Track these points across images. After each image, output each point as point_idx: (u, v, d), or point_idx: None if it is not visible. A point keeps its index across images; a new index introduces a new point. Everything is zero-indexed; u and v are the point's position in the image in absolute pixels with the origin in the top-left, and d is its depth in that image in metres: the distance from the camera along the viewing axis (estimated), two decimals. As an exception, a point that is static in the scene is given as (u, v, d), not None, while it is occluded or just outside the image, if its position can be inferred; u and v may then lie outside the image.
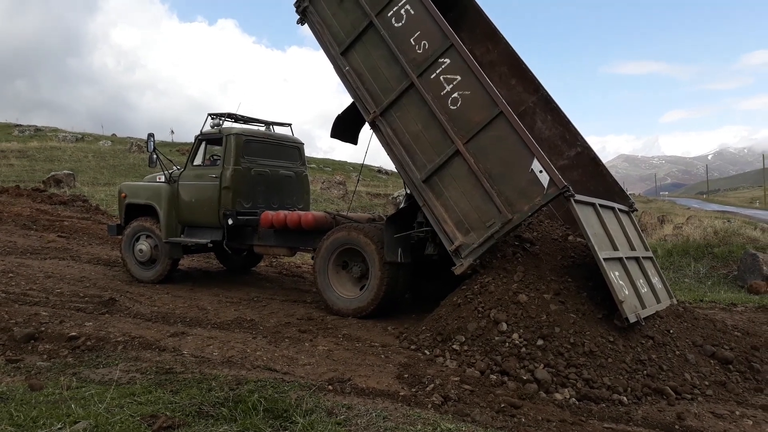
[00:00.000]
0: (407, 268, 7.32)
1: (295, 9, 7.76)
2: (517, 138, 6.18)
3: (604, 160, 8.50)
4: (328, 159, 45.52)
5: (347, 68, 7.26)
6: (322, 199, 23.52)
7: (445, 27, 6.63)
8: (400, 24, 6.93)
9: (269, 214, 8.58)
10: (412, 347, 6.04)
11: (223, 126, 9.23)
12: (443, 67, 6.64)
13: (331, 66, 7.48)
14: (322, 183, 26.18)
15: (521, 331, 5.64)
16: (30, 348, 5.65)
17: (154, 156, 9.41)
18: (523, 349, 5.48)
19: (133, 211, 9.92)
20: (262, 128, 9.90)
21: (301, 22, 7.83)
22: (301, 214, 8.28)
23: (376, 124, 7.03)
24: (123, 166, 26.93)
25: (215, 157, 9.56)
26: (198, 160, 9.45)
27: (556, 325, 5.64)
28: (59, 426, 3.90)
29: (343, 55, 7.31)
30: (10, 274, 9.24)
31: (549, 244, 6.93)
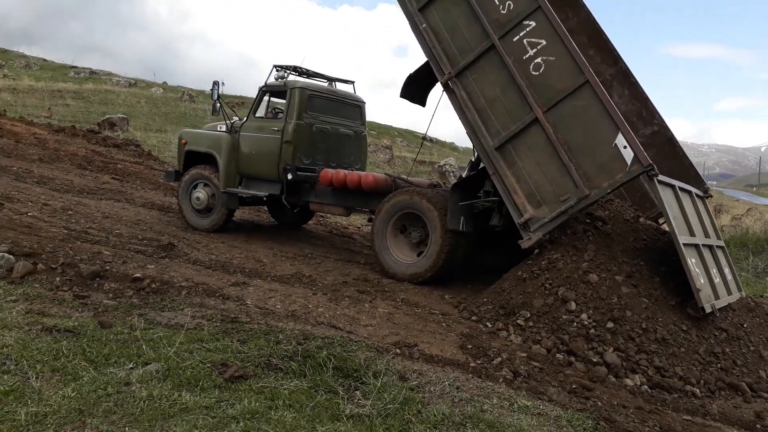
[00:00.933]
0: (468, 238, 7.14)
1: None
2: (602, 109, 5.88)
3: None
4: (373, 122, 45.15)
5: (424, 25, 6.99)
6: (368, 163, 23.37)
7: (531, -14, 6.30)
8: (485, -19, 6.60)
9: (329, 172, 8.46)
10: (473, 318, 5.90)
11: (288, 79, 9.08)
12: (528, 30, 6.33)
13: (406, 21, 7.22)
14: (369, 146, 25.98)
15: (590, 311, 5.45)
16: (96, 285, 5.69)
17: (218, 105, 9.34)
18: (592, 331, 5.29)
19: (192, 158, 9.92)
20: (325, 83, 9.72)
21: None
22: (361, 175, 8.14)
23: (450, 86, 6.79)
24: (174, 114, 27.16)
25: (277, 110, 9.46)
26: (260, 112, 9.35)
27: (628, 309, 5.43)
28: (131, 366, 3.90)
29: (420, 11, 7.03)
30: (69, 212, 9.38)
31: (620, 225, 6.65)
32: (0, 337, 4.13)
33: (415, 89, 8.19)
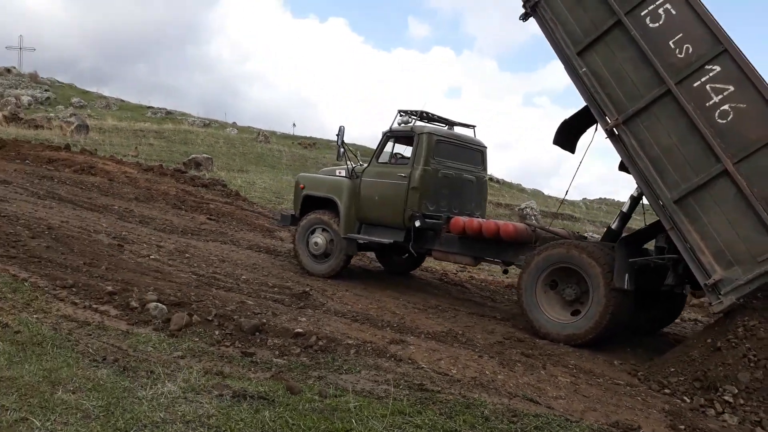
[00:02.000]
0: (631, 297, 6.58)
1: (523, 3, 7.19)
2: (809, 162, 5.32)
3: None
4: None
5: (584, 69, 6.61)
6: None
7: (716, 28, 5.86)
8: (657, 24, 6.21)
9: (460, 220, 8.07)
10: (665, 390, 5.30)
11: (415, 124, 8.82)
12: (711, 74, 5.87)
13: (562, 66, 6.86)
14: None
15: (813, 390, 4.79)
16: (258, 341, 5.38)
17: (341, 150, 9.15)
18: (819, 412, 4.63)
19: (309, 203, 9.73)
20: (447, 128, 9.44)
21: (524, 17, 7.26)
22: (500, 224, 7.71)
23: (618, 134, 6.34)
24: (252, 154, 27.60)
25: (398, 155, 9.21)
26: (383, 158, 9.12)
27: None
28: (348, 443, 3.51)
29: (579, 55, 6.67)
30: (186, 255, 9.27)
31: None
32: (197, 405, 3.81)
33: (567, 135, 7.79)
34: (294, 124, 42.05)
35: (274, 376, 4.53)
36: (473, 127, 9.64)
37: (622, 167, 8.13)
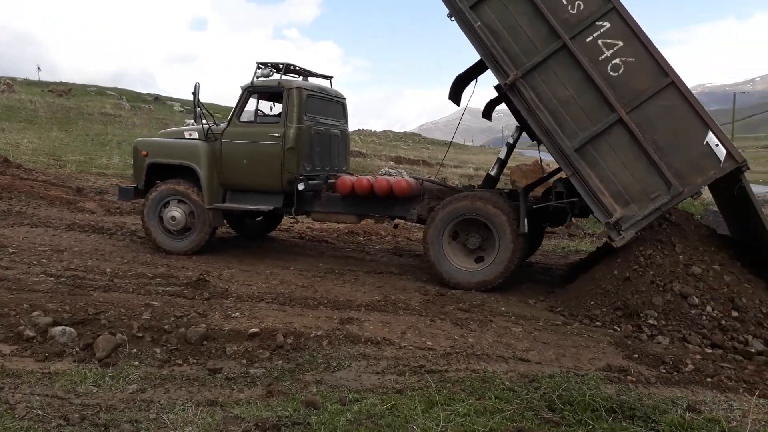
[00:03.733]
0: (525, 240, 7.07)
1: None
2: (689, 108, 6.11)
3: (448, 113, 8.79)
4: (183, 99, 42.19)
5: (478, 23, 6.65)
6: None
7: (602, -14, 6.29)
8: (547, -19, 6.45)
9: (347, 179, 7.82)
10: (597, 323, 5.88)
11: (282, 78, 8.14)
12: (602, 30, 6.32)
13: (456, 21, 6.81)
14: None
15: (712, 303, 5.71)
16: (213, 351, 4.68)
17: (198, 109, 8.12)
18: (723, 322, 5.56)
19: (156, 172, 8.57)
20: (316, 82, 8.91)
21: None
22: (392, 182, 7.63)
23: (517, 87, 6.57)
24: None
25: (260, 113, 8.49)
26: (246, 117, 8.32)
27: (741, 296, 5.78)
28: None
29: (473, 8, 6.67)
30: (9, 250, 7.65)
31: (678, 214, 7.03)
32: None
33: (456, 89, 7.84)
34: (39, 68, 36.17)
35: (270, 392, 4.02)
36: (330, 78, 9.23)
37: (485, 114, 8.56)
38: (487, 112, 8.70)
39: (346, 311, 5.83)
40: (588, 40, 6.35)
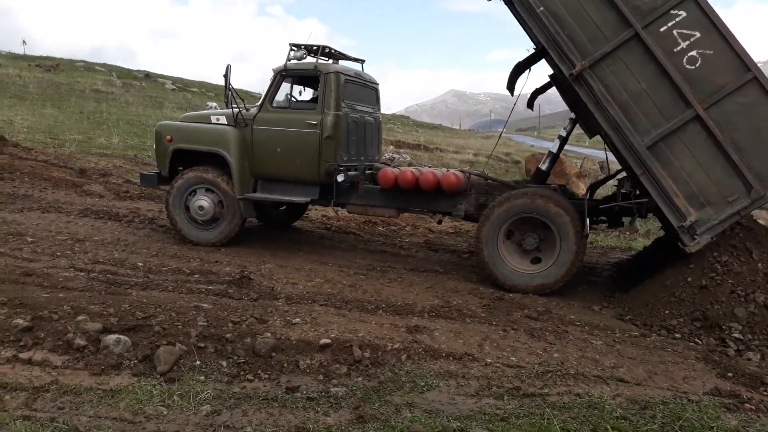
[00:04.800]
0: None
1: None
2: (772, 107, 5.74)
3: (434, 95, 8.35)
4: (177, 78, 40.92)
5: (541, 8, 6.20)
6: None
7: (681, -27, 5.87)
8: (619, -36, 6.01)
9: (390, 172, 7.37)
10: (676, 335, 5.53)
11: (318, 62, 7.63)
12: (677, 20, 5.90)
13: (515, 3, 6.36)
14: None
15: (798, 316, 5.39)
16: (285, 365, 4.25)
17: (230, 92, 7.59)
18: (812, 336, 5.24)
19: (181, 158, 8.05)
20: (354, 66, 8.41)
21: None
22: (439, 176, 7.19)
23: (584, 78, 6.15)
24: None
25: (292, 98, 7.96)
26: (279, 102, 7.81)
27: (828, 309, 5.47)
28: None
29: (536, -8, 6.22)
30: (27, 238, 7.15)
31: (747, 218, 6.68)
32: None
33: (513, 77, 7.40)
34: (24, 42, 35.07)
35: (362, 417, 3.60)
36: (363, 61, 8.72)
37: (529, 104, 8.12)
38: (531, 101, 8.28)
39: (408, 317, 5.42)
40: (662, 29, 5.93)
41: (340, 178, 7.44)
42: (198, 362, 4.16)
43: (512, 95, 7.69)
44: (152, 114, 21.60)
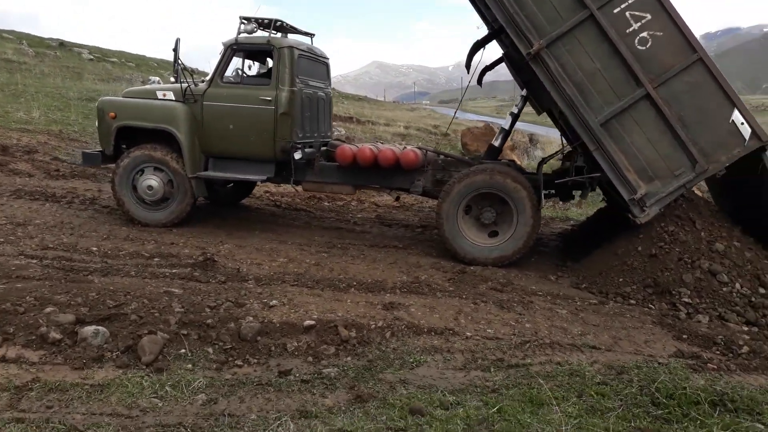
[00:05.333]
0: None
1: None
2: (716, 86, 6.11)
3: (358, 66, 8.74)
4: (106, 49, 38.76)
5: (501, -12, 6.30)
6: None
7: (632, -44, 6.09)
8: (573, -53, 6.17)
9: (347, 149, 7.36)
10: (631, 301, 5.87)
11: (271, 36, 7.45)
12: (629, 2, 6.13)
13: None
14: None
15: (740, 280, 5.85)
16: (273, 348, 4.23)
17: (178, 66, 7.29)
18: (754, 299, 5.71)
19: (125, 136, 7.71)
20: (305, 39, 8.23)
21: None
22: (397, 152, 7.24)
23: (541, 57, 6.32)
24: None
25: (241, 72, 7.76)
26: (229, 77, 7.58)
27: (765, 273, 5.95)
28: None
29: (495, -28, 6.31)
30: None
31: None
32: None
33: (471, 57, 7.46)
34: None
35: (360, 397, 3.66)
36: (312, 35, 8.58)
37: (479, 81, 8.27)
38: (480, 77, 8.42)
39: (381, 294, 5.50)
40: (615, 11, 6.16)
41: (297, 155, 7.36)
42: (183, 350, 4.08)
43: (468, 73, 7.79)
44: (72, 86, 20.39)
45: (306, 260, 6.55)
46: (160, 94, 7.68)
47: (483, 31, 8.52)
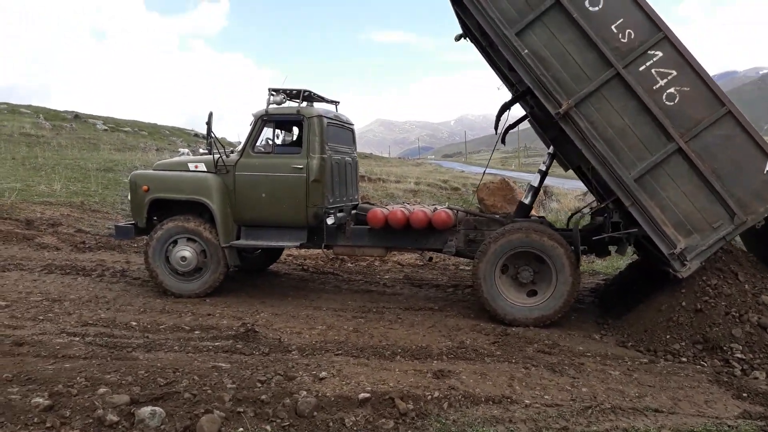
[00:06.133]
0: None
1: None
2: (747, 137, 6.15)
3: (362, 124, 8.77)
4: (129, 120, 39.72)
5: (526, 51, 6.45)
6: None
7: (655, 16, 6.25)
8: (597, 8, 6.32)
9: (379, 212, 7.40)
10: (683, 359, 5.75)
11: (300, 106, 7.63)
12: (655, 59, 6.26)
13: (500, 47, 6.59)
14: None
15: (788, 332, 5.74)
16: (331, 424, 4.12)
17: (211, 138, 7.45)
18: (804, 351, 5.58)
19: (158, 208, 7.79)
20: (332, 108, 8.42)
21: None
22: (429, 213, 7.28)
23: (570, 116, 6.41)
24: None
25: (270, 142, 7.90)
26: (260, 146, 7.72)
27: (812, 324, 5.84)
28: None
29: (518, 35, 6.46)
30: (2, 303, 6.69)
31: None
32: None
33: (499, 118, 7.59)
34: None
35: (429, 472, 3.55)
36: (337, 103, 8.77)
37: (503, 140, 8.36)
38: (504, 136, 8.54)
39: (428, 361, 5.41)
40: (641, 69, 6.27)
41: (330, 220, 7.42)
42: (241, 429, 3.99)
43: (496, 133, 7.90)
44: (90, 157, 20.77)
45: (344, 327, 6.49)
46: (191, 166, 7.80)
47: (504, 91, 8.72)
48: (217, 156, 7.57)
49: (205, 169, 7.70)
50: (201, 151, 8.35)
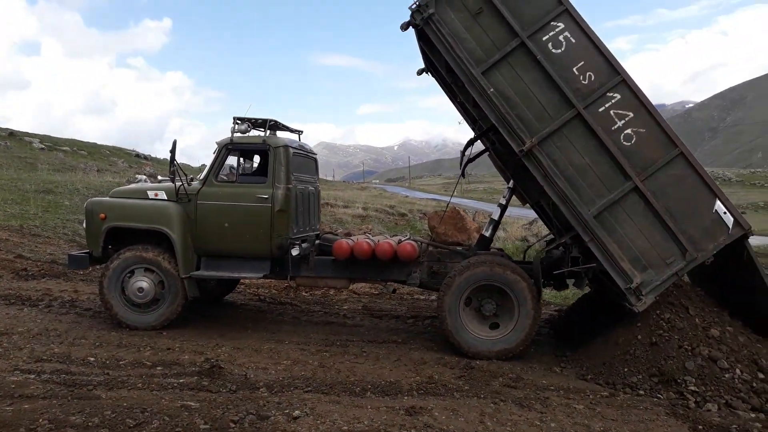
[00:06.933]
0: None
1: (412, 15, 6.78)
2: (697, 178, 6.50)
3: None
4: (57, 137, 38.23)
5: (491, 90, 6.66)
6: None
7: (613, 60, 6.57)
8: (560, 51, 6.62)
9: (345, 243, 7.41)
10: (641, 392, 5.95)
11: (267, 135, 7.61)
12: (613, 101, 6.57)
13: (466, 85, 6.77)
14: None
15: (739, 365, 6.03)
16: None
17: (173, 167, 7.30)
18: (755, 384, 5.88)
19: (114, 237, 7.55)
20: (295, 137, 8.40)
21: (414, 26, 6.87)
22: (394, 245, 7.34)
23: (533, 154, 6.62)
24: None
25: (233, 170, 7.81)
26: (223, 175, 7.61)
27: (760, 357, 6.17)
28: None
29: (485, 74, 6.67)
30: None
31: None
32: None
33: (463, 153, 7.73)
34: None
35: None
36: (300, 132, 8.77)
37: (463, 173, 8.54)
38: (464, 170, 8.72)
39: (399, 398, 5.41)
40: (600, 110, 6.57)
41: (294, 251, 7.36)
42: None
43: (460, 167, 8.06)
44: (27, 177, 19.92)
45: (309, 361, 6.42)
46: (151, 194, 7.62)
47: (464, 126, 8.94)
48: (178, 184, 7.41)
49: (166, 197, 7.53)
50: (160, 178, 8.16)
